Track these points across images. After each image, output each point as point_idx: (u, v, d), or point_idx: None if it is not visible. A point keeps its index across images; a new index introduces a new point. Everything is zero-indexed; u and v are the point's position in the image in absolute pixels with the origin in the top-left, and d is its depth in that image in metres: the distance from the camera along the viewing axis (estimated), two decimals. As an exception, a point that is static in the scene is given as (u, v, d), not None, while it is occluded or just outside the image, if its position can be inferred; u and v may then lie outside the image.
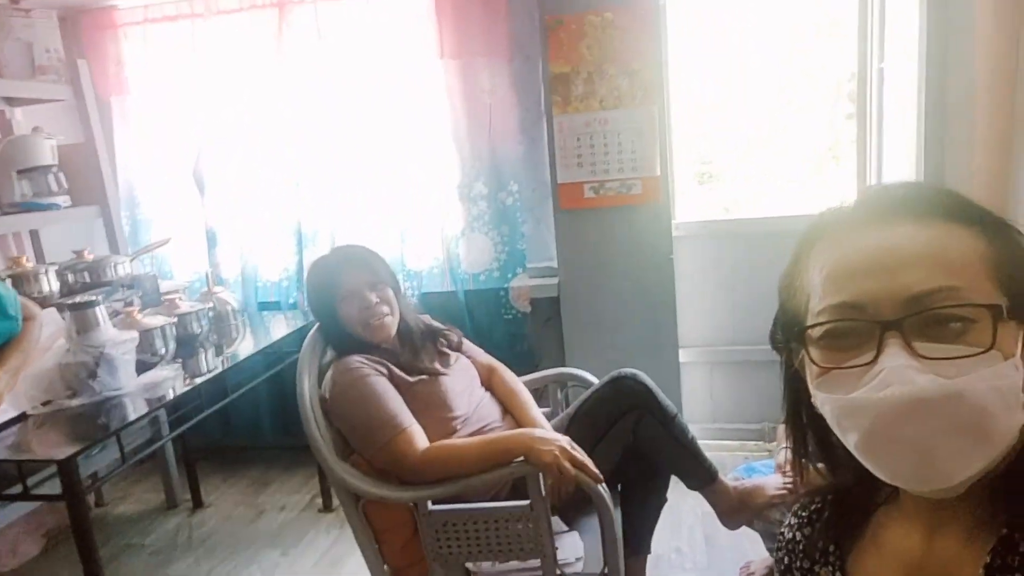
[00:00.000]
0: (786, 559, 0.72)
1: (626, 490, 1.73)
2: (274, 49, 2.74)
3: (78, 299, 1.89)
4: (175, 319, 2.21)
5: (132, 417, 1.75)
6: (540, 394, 2.08)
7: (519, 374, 1.90)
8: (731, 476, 1.76)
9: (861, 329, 0.54)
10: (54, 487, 1.59)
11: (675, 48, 2.69)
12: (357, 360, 1.53)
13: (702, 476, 1.67)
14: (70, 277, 2.32)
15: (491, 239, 2.82)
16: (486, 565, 1.53)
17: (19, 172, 2.50)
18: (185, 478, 2.75)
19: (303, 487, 2.78)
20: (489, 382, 1.76)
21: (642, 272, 2.55)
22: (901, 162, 2.44)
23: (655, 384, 1.66)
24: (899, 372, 0.50)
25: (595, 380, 1.93)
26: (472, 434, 1.57)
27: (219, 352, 2.32)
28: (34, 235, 2.68)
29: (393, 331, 1.62)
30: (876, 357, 0.52)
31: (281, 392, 2.82)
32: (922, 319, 0.52)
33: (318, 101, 2.77)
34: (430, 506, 1.46)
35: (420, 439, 1.47)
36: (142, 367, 1.98)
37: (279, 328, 2.60)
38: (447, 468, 1.46)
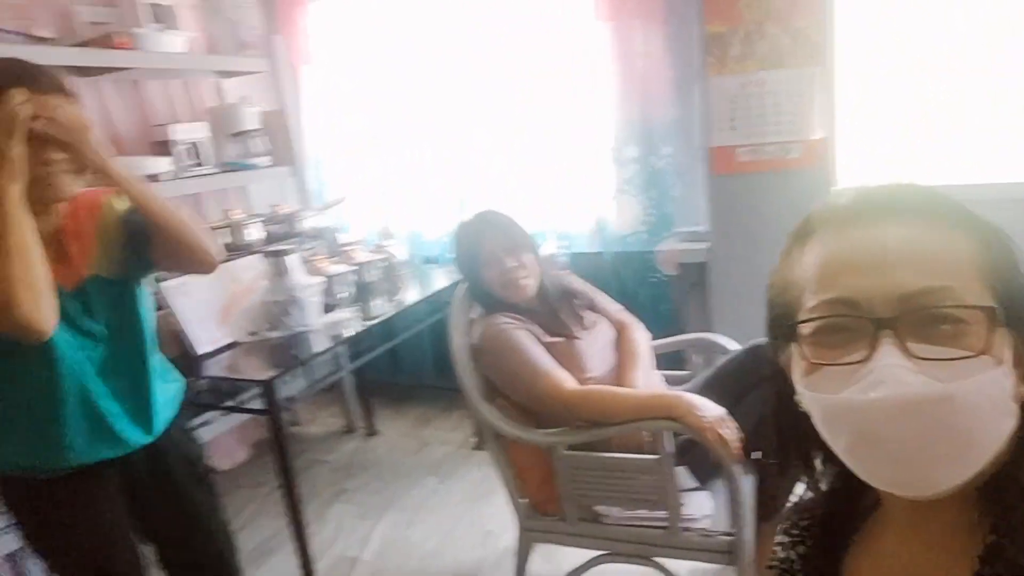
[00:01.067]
0: None
1: (764, 457, 1.75)
2: (441, 18, 2.91)
3: (275, 248, 2.23)
4: (354, 268, 2.51)
5: (318, 350, 2.06)
6: (678, 358, 2.14)
7: (660, 337, 1.97)
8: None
9: (854, 326, 0.53)
10: (257, 405, 1.93)
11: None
12: (503, 317, 1.69)
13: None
14: (269, 228, 2.70)
15: (640, 202, 2.85)
16: (616, 510, 1.65)
17: (231, 136, 2.92)
18: (360, 408, 3.14)
19: (459, 426, 3.07)
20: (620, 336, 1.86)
21: (798, 240, 2.47)
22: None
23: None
24: (891, 371, 0.50)
25: (734, 345, 1.96)
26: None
27: (389, 298, 2.60)
28: (242, 191, 3.13)
29: (531, 292, 1.75)
30: (869, 355, 0.51)
31: (441, 338, 3.06)
32: (917, 318, 0.51)
33: (479, 66, 2.92)
34: (563, 450, 1.60)
35: (568, 379, 1.60)
36: (325, 308, 2.29)
37: (440, 280, 2.85)
38: (600, 410, 1.55)
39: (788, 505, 0.71)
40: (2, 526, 1.88)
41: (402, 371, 3.37)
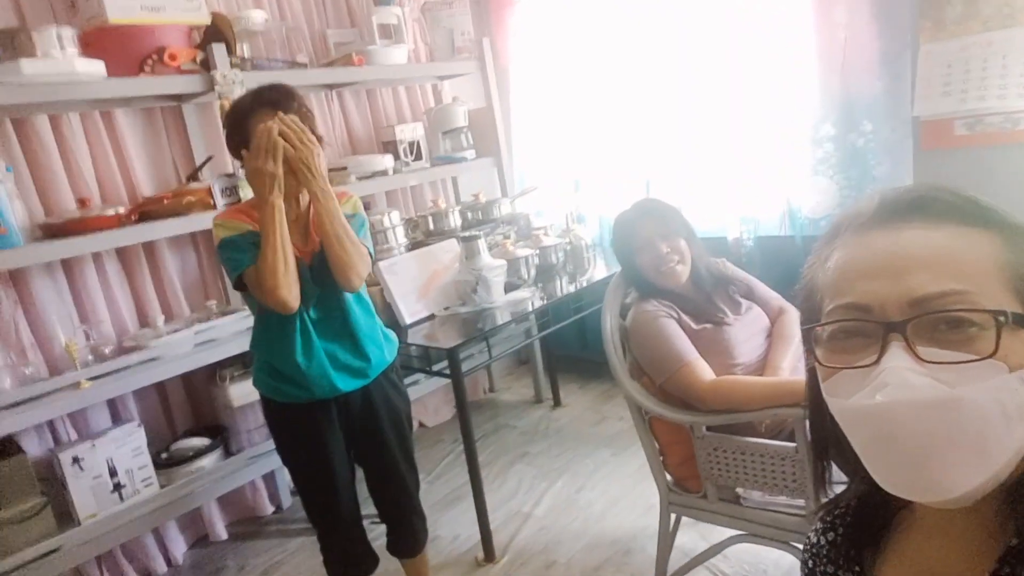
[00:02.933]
0: (810, 562, 0.72)
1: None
2: (635, 7, 2.99)
3: (466, 233, 2.53)
4: (538, 250, 2.74)
5: (498, 323, 2.31)
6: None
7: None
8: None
9: (866, 330, 0.54)
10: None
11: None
12: (653, 303, 1.77)
13: None
14: (468, 215, 3.03)
15: (836, 183, 2.68)
16: (756, 493, 1.67)
17: (443, 133, 3.30)
18: (549, 381, 3.39)
19: (638, 403, 3.17)
20: (774, 323, 1.83)
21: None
22: None
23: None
24: (897, 374, 0.50)
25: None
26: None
27: (572, 279, 2.79)
28: (453, 181, 3.53)
29: (684, 278, 1.80)
30: (879, 358, 0.52)
31: (625, 319, 3.21)
32: (927, 322, 0.51)
33: (672, 43, 2.93)
34: (704, 430, 1.66)
35: (705, 371, 1.66)
36: (509, 287, 2.55)
37: (622, 263, 2.96)
38: (731, 400, 1.61)
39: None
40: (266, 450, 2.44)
41: (589, 347, 3.55)
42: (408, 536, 1.91)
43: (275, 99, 1.60)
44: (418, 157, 3.15)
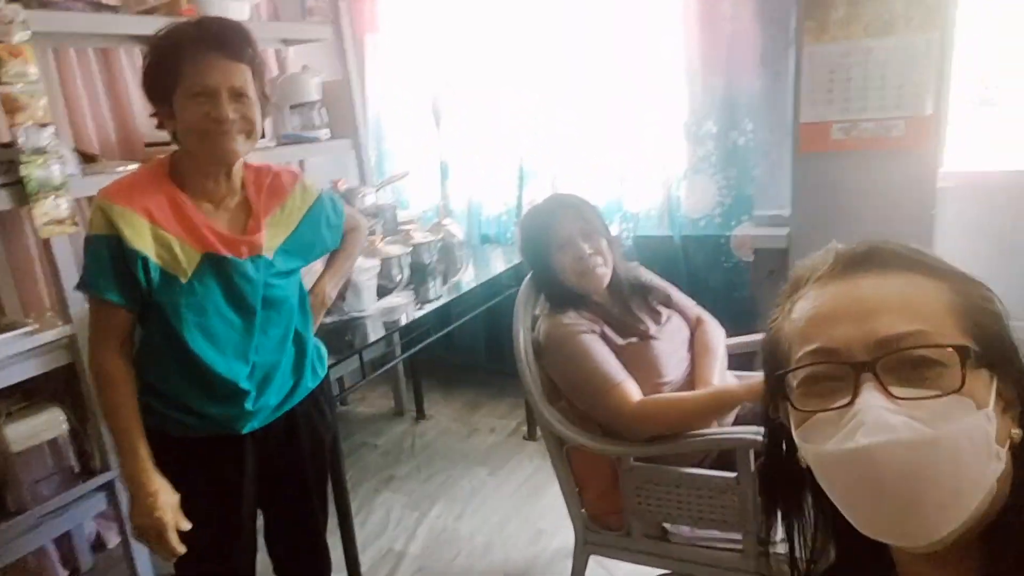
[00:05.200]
0: None
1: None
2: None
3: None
4: (410, 248, 2.40)
5: (372, 338, 1.96)
6: (756, 359, 1.95)
7: (735, 329, 1.79)
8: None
9: (837, 373, 0.55)
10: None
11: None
12: (571, 315, 1.53)
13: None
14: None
15: (716, 182, 2.63)
16: (686, 528, 1.50)
17: (291, 107, 2.83)
18: (411, 390, 3.06)
19: (510, 413, 2.96)
20: (693, 333, 1.69)
21: (893, 227, 2.21)
22: None
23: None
24: (873, 412, 0.51)
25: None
26: (679, 398, 1.52)
27: (445, 281, 2.49)
28: (301, 165, 3.05)
29: (605, 283, 1.59)
30: (852, 399, 0.53)
31: (496, 321, 2.97)
32: (894, 361, 0.53)
33: (547, 34, 2.74)
34: (632, 461, 1.45)
35: (635, 392, 1.46)
36: (381, 292, 2.19)
37: (498, 262, 2.72)
38: (666, 420, 1.43)
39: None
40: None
41: (454, 351, 3.27)
42: None
43: (226, 39, 1.20)
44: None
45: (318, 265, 1.67)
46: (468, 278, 2.51)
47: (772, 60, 2.48)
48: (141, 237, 1.19)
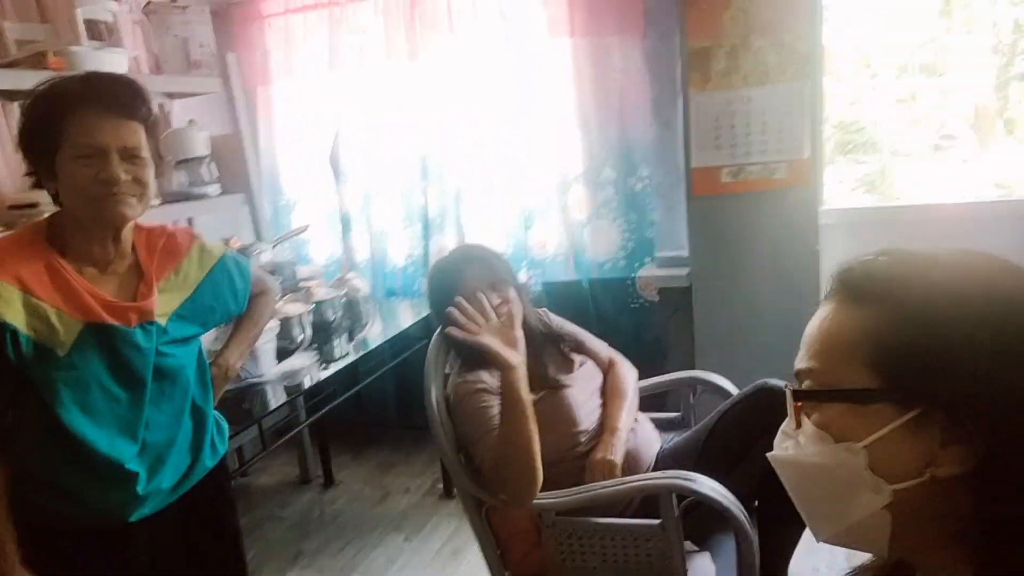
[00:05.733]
0: None
1: (766, 510, 1.58)
2: (406, 32, 2.74)
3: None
4: (312, 306, 2.29)
5: (272, 405, 1.83)
6: (667, 398, 1.97)
7: (646, 368, 1.79)
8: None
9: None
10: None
11: (832, 13, 2.42)
12: (480, 374, 1.48)
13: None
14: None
15: (619, 226, 2.70)
16: (612, 581, 1.46)
17: (178, 163, 2.68)
18: (317, 455, 2.88)
19: (425, 471, 2.84)
20: (605, 377, 1.68)
21: (783, 264, 2.34)
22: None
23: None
24: (779, 433, 0.62)
25: (728, 384, 1.80)
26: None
27: (351, 338, 2.39)
28: (190, 223, 2.88)
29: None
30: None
31: (406, 376, 2.87)
32: (803, 392, 0.60)
33: (446, 85, 2.75)
34: (554, 516, 1.40)
35: None
36: (281, 354, 2.06)
37: (405, 315, 2.65)
38: (505, 462, 1.35)
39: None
40: None
41: (363, 411, 3.13)
42: None
43: (117, 96, 1.13)
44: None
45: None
46: (375, 334, 2.43)
47: (662, 109, 2.60)
48: (10, 307, 1.07)
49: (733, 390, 1.71)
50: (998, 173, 2.63)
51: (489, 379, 1.47)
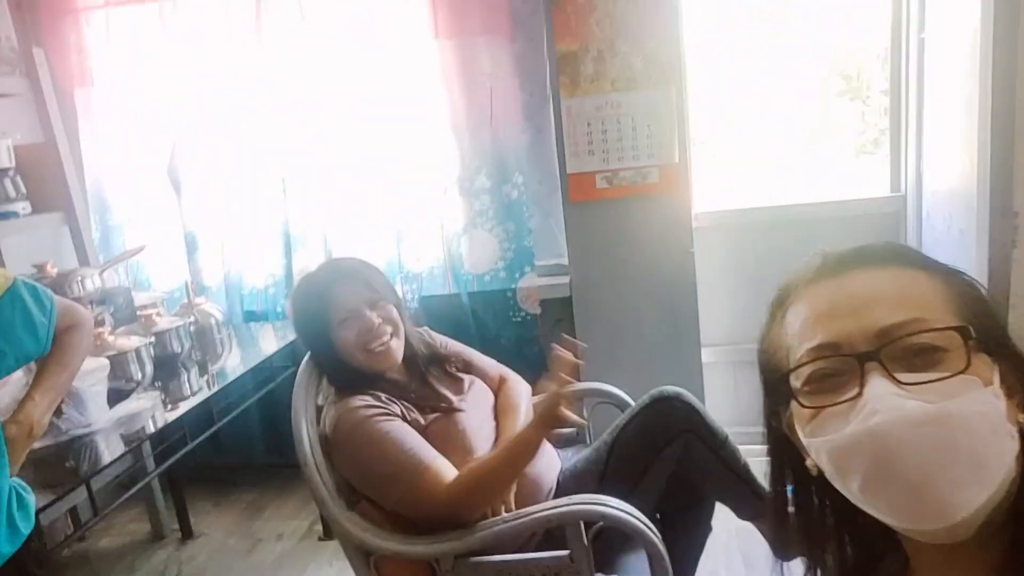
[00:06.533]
0: None
1: (669, 520, 1.54)
2: (252, 32, 2.49)
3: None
4: (152, 338, 1.99)
5: (105, 460, 1.54)
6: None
7: (533, 381, 1.70)
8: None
9: (841, 366, 0.55)
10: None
11: (691, 23, 2.47)
12: (361, 399, 1.31)
13: (755, 505, 1.48)
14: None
15: (496, 236, 2.60)
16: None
17: (-28, 178, 2.25)
18: (172, 505, 2.53)
19: (300, 511, 2.57)
20: (496, 395, 1.57)
21: (660, 267, 2.34)
22: (952, 154, 2.17)
23: (701, 404, 1.47)
24: (885, 400, 0.51)
25: (622, 394, 1.75)
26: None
27: (203, 371, 2.11)
28: (-8, 247, 2.43)
29: (399, 357, 1.40)
30: (861, 390, 0.53)
31: (272, 408, 2.59)
32: (897, 349, 0.53)
33: (302, 88, 2.52)
34: (453, 560, 1.26)
35: (448, 471, 1.28)
36: (115, 397, 1.76)
37: (268, 341, 2.38)
38: (489, 486, 1.28)
39: None
40: None
41: (223, 451, 2.79)
42: None
43: None
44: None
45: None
46: (233, 364, 2.16)
47: (534, 114, 2.54)
48: None
49: (629, 400, 1.65)
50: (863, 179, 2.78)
51: (372, 401, 1.30)
